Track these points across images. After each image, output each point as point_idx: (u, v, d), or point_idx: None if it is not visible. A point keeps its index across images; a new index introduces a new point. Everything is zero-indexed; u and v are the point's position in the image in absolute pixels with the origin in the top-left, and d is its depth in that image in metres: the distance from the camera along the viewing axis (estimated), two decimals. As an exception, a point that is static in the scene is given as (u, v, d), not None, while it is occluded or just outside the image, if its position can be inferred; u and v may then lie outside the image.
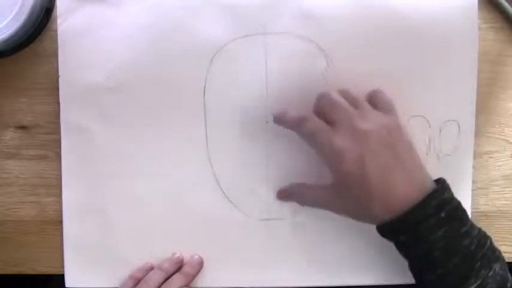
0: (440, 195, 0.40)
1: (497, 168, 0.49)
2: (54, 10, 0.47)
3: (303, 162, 0.47)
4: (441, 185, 0.41)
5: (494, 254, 0.40)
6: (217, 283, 0.48)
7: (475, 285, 0.39)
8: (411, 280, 0.43)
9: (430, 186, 0.41)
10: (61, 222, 0.48)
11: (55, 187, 0.48)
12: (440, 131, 0.48)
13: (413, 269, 0.42)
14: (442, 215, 0.39)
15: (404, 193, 0.40)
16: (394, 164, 0.40)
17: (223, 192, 0.48)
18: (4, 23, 0.43)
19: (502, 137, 0.49)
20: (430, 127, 0.48)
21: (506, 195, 0.49)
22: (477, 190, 0.49)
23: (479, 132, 0.49)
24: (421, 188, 0.40)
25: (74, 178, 0.48)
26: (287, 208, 0.48)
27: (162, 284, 0.47)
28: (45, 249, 0.48)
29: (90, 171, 0.47)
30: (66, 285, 0.48)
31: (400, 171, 0.40)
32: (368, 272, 0.48)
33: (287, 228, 0.48)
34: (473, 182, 0.49)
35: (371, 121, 0.41)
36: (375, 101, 0.43)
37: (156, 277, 0.47)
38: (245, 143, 0.48)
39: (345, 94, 0.43)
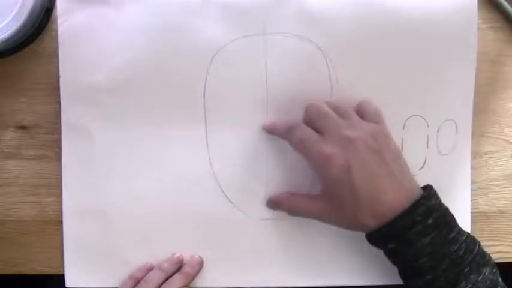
0: (427, 202, 0.40)
1: (497, 168, 0.49)
2: (54, 10, 0.47)
3: (303, 162, 0.47)
4: (428, 191, 0.41)
5: (484, 259, 0.41)
6: (217, 283, 0.48)
7: None
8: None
9: (418, 193, 0.41)
10: (61, 222, 0.48)
11: (55, 187, 0.48)
12: (438, 130, 0.48)
13: (402, 275, 0.43)
14: (430, 221, 0.40)
15: (392, 200, 0.40)
16: (382, 172, 0.41)
17: (223, 192, 0.48)
18: (4, 23, 0.43)
19: (502, 137, 0.49)
20: (428, 127, 0.48)
21: (506, 195, 0.49)
22: (477, 190, 0.49)
23: (479, 132, 0.49)
24: (408, 195, 0.40)
25: (74, 178, 0.48)
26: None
27: (162, 284, 0.47)
28: (45, 249, 0.48)
29: (90, 171, 0.48)
30: (66, 285, 0.48)
31: (387, 179, 0.41)
32: (368, 272, 0.48)
33: (287, 228, 0.48)
34: (473, 182, 0.49)
35: (358, 129, 0.42)
36: (362, 111, 0.44)
37: (156, 277, 0.47)
38: (245, 142, 0.48)
39: (332, 105, 0.44)
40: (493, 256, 0.42)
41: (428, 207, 0.40)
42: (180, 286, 0.46)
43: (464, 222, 0.48)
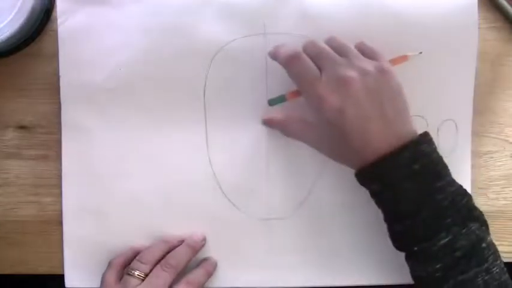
0: (415, 146, 0.40)
1: (497, 168, 0.49)
2: (54, 10, 0.47)
3: (303, 162, 0.47)
4: (421, 137, 0.41)
5: (472, 213, 0.41)
6: (218, 283, 0.48)
7: (445, 240, 0.39)
8: (410, 280, 0.43)
9: (409, 137, 0.40)
10: (61, 222, 0.48)
11: (55, 187, 0.48)
12: (438, 130, 0.48)
13: (385, 219, 0.42)
14: (416, 167, 0.39)
15: (379, 143, 0.40)
16: (374, 114, 0.40)
17: (223, 192, 0.48)
18: (4, 23, 0.43)
19: (502, 137, 0.49)
20: (428, 126, 0.48)
21: (506, 195, 0.49)
22: (477, 190, 0.49)
23: (479, 132, 0.49)
24: (397, 138, 0.40)
25: (74, 178, 0.48)
26: (287, 208, 0.48)
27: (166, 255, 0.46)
28: (45, 249, 0.48)
29: (90, 171, 0.48)
30: (66, 285, 0.48)
31: (377, 121, 0.40)
32: (368, 272, 0.48)
33: (287, 228, 0.48)
34: (473, 182, 0.49)
35: (356, 68, 0.41)
36: (362, 50, 0.43)
37: (158, 248, 0.46)
38: (245, 142, 0.48)
39: (331, 42, 0.43)
40: (493, 256, 0.42)
41: (414, 152, 0.40)
42: (186, 257, 0.46)
43: (464, 222, 0.48)
